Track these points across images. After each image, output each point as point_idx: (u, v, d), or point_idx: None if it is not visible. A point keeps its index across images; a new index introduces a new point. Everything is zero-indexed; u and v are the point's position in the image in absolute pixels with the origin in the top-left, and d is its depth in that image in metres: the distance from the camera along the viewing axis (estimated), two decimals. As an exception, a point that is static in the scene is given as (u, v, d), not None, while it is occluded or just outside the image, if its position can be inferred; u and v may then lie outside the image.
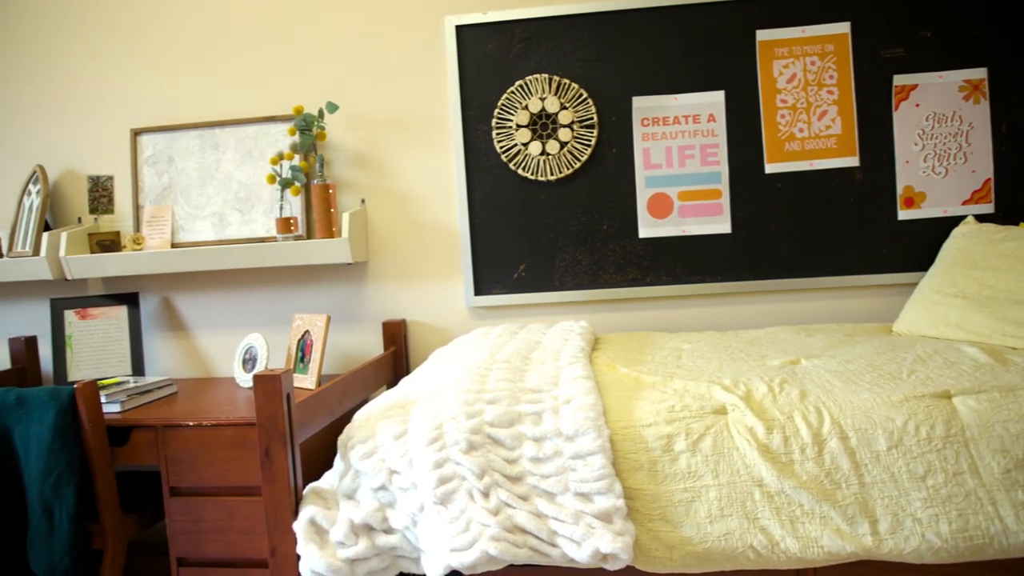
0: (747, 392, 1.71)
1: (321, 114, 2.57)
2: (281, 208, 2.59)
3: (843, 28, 2.47)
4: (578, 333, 2.27)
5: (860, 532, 1.50)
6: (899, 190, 2.48)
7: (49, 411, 2.03)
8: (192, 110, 2.81)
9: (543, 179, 2.59)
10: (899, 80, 2.46)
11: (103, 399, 2.22)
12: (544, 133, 2.58)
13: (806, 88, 2.50)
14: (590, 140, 2.56)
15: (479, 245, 2.65)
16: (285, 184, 2.55)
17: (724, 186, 2.53)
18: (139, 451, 2.15)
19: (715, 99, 2.53)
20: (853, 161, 2.49)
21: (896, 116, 2.47)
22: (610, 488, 1.52)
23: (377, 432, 1.68)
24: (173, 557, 2.15)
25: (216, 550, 2.12)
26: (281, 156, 2.58)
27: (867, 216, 2.49)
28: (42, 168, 2.79)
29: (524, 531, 1.51)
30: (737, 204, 2.54)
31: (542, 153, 2.58)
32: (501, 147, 2.60)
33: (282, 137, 2.69)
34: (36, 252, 2.71)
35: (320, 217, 2.55)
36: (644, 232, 2.58)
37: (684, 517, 1.54)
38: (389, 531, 1.62)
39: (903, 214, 2.48)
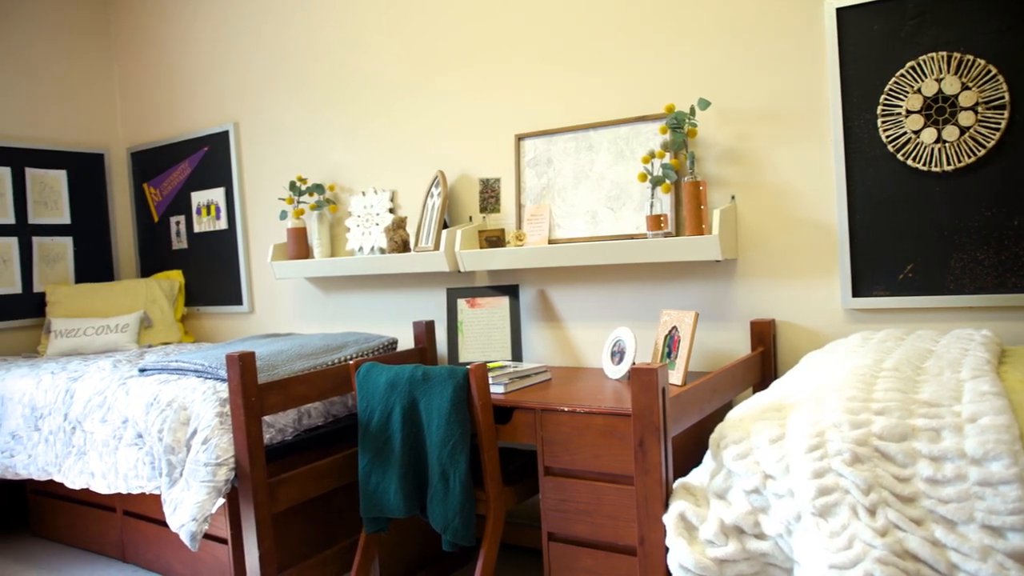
0: None
1: (692, 111, 2.57)
2: (651, 206, 2.64)
3: None
4: (980, 343, 2.01)
5: None
6: None
7: (448, 387, 2.30)
8: (568, 115, 2.98)
9: (937, 170, 2.33)
10: None
11: (490, 380, 2.45)
12: (940, 118, 2.31)
13: None
14: (999, 123, 2.24)
15: (858, 243, 2.46)
16: (656, 182, 2.60)
17: None
18: (519, 430, 2.34)
19: None
20: None
21: None
22: (1028, 524, 1.32)
23: (752, 433, 1.64)
24: (544, 531, 2.30)
25: (583, 531, 2.22)
26: (652, 154, 2.63)
27: None
28: (442, 173, 3.17)
29: (917, 559, 1.37)
30: None
31: (937, 141, 2.31)
32: (887, 136, 2.38)
33: (653, 136, 2.74)
34: (436, 247, 3.08)
35: (690, 214, 2.55)
36: (1068, 228, 2.20)
37: None
38: (761, 536, 1.57)
39: None
